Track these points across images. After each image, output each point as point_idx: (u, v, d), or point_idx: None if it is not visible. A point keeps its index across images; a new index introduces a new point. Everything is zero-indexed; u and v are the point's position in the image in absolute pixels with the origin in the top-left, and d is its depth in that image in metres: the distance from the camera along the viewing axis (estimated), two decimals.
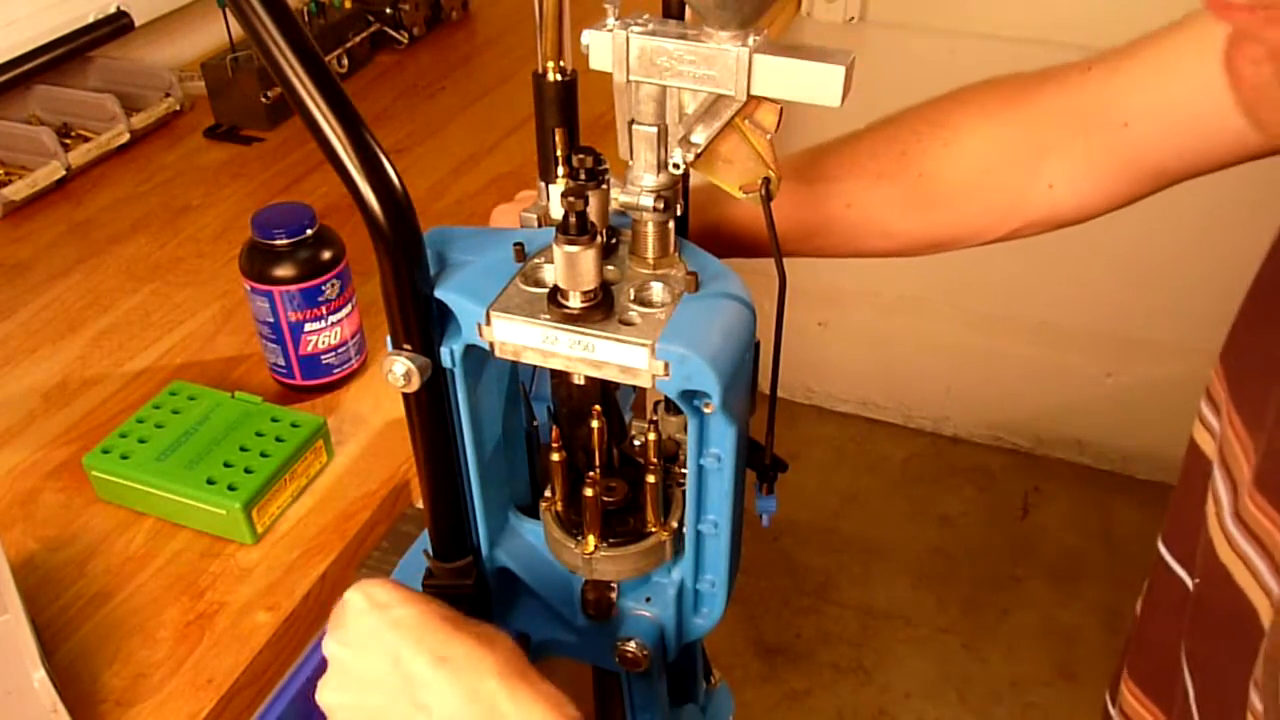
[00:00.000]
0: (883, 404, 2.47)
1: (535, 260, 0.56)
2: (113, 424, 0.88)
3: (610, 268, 0.56)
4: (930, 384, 2.39)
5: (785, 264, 0.54)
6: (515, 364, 0.62)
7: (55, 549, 0.80)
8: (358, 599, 0.53)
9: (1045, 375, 2.27)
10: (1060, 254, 2.08)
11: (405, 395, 0.57)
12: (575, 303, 0.52)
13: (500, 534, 0.66)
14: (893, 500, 2.31)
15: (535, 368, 0.61)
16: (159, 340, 1.01)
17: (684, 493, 0.60)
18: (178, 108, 1.39)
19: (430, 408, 0.58)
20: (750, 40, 0.48)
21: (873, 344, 2.37)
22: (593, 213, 0.52)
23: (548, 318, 0.52)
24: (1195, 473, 0.62)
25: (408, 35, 1.56)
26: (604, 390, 0.60)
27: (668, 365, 0.51)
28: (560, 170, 0.57)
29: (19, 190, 1.20)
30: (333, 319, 0.90)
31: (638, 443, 0.64)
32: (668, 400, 0.60)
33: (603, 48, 0.50)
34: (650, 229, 0.54)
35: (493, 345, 0.54)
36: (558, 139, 0.57)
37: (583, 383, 0.59)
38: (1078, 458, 2.37)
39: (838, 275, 2.29)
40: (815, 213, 0.69)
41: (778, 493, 0.64)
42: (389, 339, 0.55)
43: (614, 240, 0.57)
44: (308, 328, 0.90)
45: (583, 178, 0.54)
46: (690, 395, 0.53)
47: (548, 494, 0.63)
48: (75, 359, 0.99)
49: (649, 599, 0.63)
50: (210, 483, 0.79)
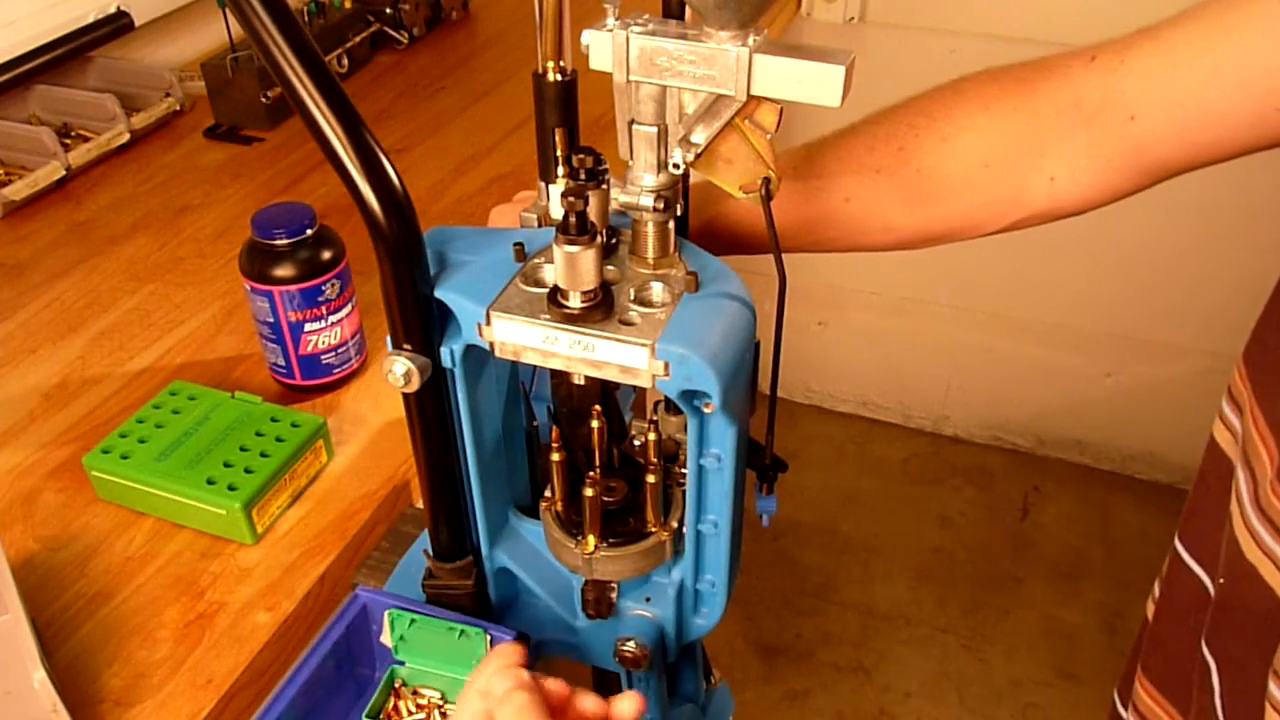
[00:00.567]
0: (883, 404, 2.47)
1: (535, 260, 0.56)
2: (113, 424, 0.88)
3: (610, 268, 0.56)
4: (930, 384, 2.39)
5: (785, 263, 0.54)
6: (515, 364, 0.62)
7: (55, 549, 0.80)
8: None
9: (1045, 375, 2.27)
10: (1061, 254, 2.08)
11: (405, 395, 0.57)
12: (575, 303, 0.52)
13: (500, 534, 0.66)
14: (893, 500, 2.31)
15: (535, 368, 0.61)
16: (159, 340, 1.01)
17: (684, 493, 0.60)
18: (178, 108, 1.38)
19: (430, 408, 0.58)
20: (750, 40, 0.48)
21: (873, 344, 2.37)
22: (593, 213, 0.52)
23: (548, 318, 0.52)
24: (1215, 473, 0.62)
25: (408, 35, 1.56)
26: (604, 390, 0.60)
27: (668, 365, 0.51)
28: (560, 170, 0.57)
29: (19, 190, 1.20)
30: (333, 319, 0.90)
31: (638, 443, 0.64)
32: (668, 400, 0.60)
33: (603, 48, 0.50)
34: (650, 229, 0.54)
35: (493, 345, 0.54)
36: (558, 139, 0.57)
37: (583, 383, 0.59)
38: (1078, 458, 2.37)
39: (838, 275, 2.29)
40: (814, 208, 0.69)
41: (778, 493, 0.64)
42: (389, 339, 0.55)
43: (614, 240, 0.57)
44: (308, 328, 0.90)
45: (583, 178, 0.54)
46: (690, 395, 0.53)
47: (548, 494, 0.63)
48: (75, 359, 0.99)
49: (649, 599, 0.63)
50: (210, 483, 0.79)
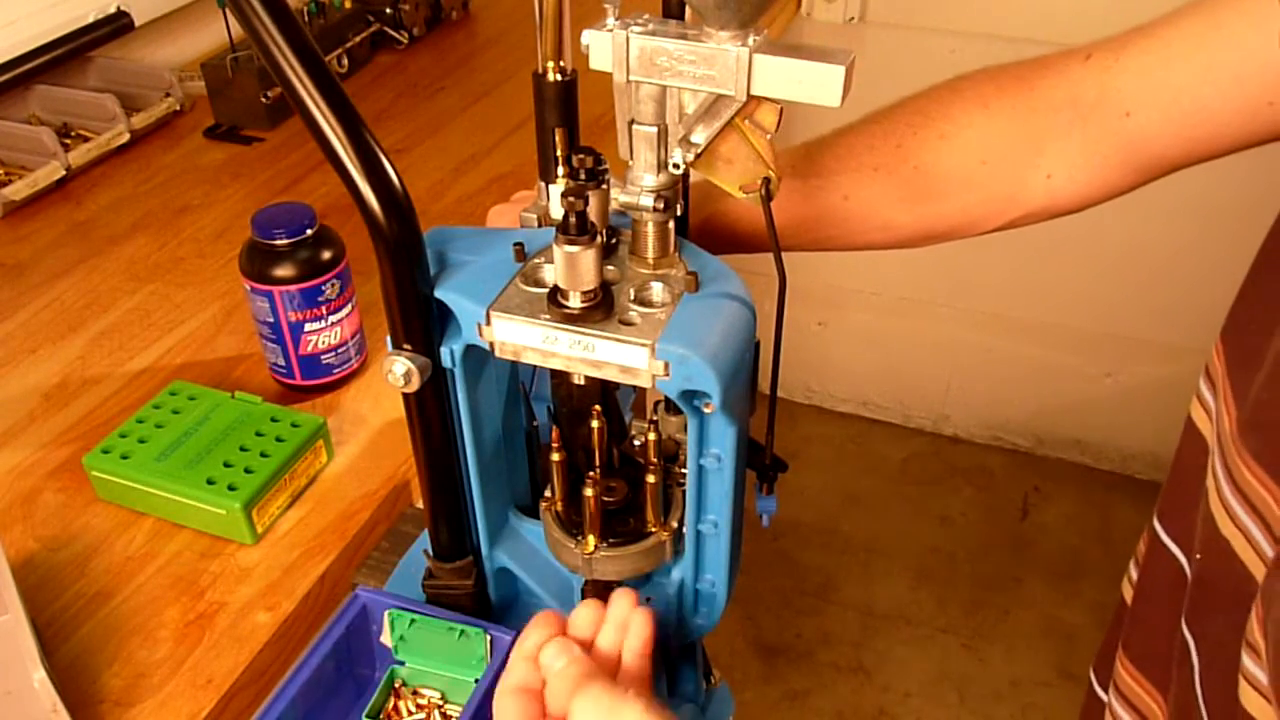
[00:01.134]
0: (882, 404, 2.47)
1: (535, 260, 0.56)
2: (113, 424, 0.88)
3: (610, 268, 0.56)
4: (930, 384, 2.39)
5: (785, 263, 0.54)
6: (515, 364, 0.62)
7: (55, 549, 0.80)
8: None
9: (1045, 375, 2.27)
10: (1060, 254, 2.08)
11: (405, 395, 0.57)
12: (575, 303, 0.52)
13: (500, 534, 0.66)
14: (893, 500, 2.31)
15: (535, 368, 0.61)
16: (159, 340, 1.01)
17: (684, 493, 0.60)
18: (178, 108, 1.38)
19: (430, 408, 0.58)
20: (750, 40, 0.48)
21: (872, 344, 2.37)
22: (593, 213, 0.52)
23: (548, 318, 0.52)
24: (1191, 451, 0.62)
25: (408, 35, 1.56)
26: (604, 390, 0.60)
27: (668, 365, 0.51)
28: (560, 170, 0.57)
29: (19, 190, 1.20)
30: (333, 319, 0.90)
31: (638, 443, 0.64)
32: (668, 400, 0.60)
33: (603, 48, 0.50)
34: (650, 229, 0.54)
35: (493, 345, 0.54)
36: (558, 139, 0.57)
37: (583, 383, 0.59)
38: (1078, 458, 2.37)
39: (837, 275, 2.29)
40: (813, 206, 0.69)
41: (778, 493, 0.64)
42: (389, 339, 0.55)
43: (614, 240, 0.57)
44: (308, 328, 0.90)
45: (583, 178, 0.54)
46: (690, 395, 0.53)
47: (548, 494, 0.63)
48: (75, 359, 0.99)
49: (649, 599, 0.63)
50: (210, 483, 0.79)
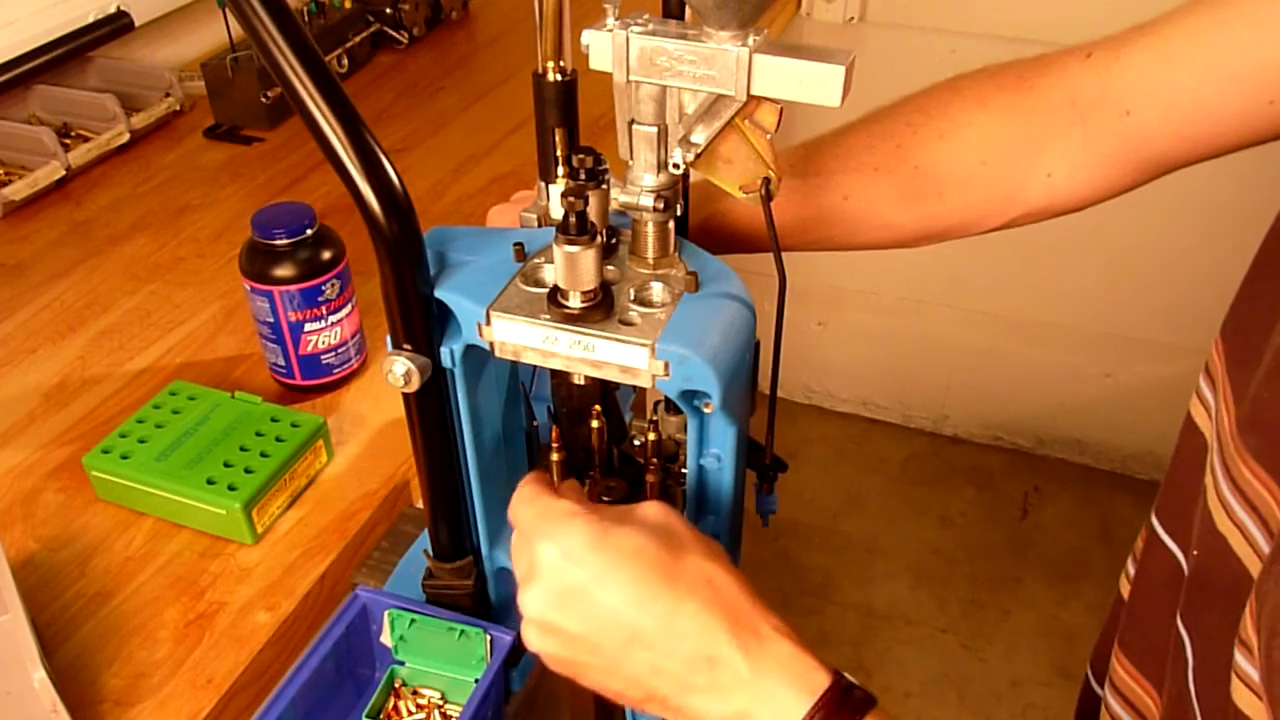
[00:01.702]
0: (883, 404, 2.47)
1: (535, 260, 0.56)
2: (113, 424, 0.88)
3: (610, 268, 0.56)
4: (930, 384, 2.39)
5: (785, 263, 0.54)
6: (515, 364, 0.62)
7: (55, 549, 0.80)
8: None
9: (1045, 375, 2.27)
10: (1060, 254, 2.08)
11: (405, 395, 0.57)
12: (575, 303, 0.52)
13: (500, 534, 0.66)
14: (893, 500, 2.31)
15: (535, 368, 0.61)
16: (159, 340, 1.01)
17: (684, 492, 0.60)
18: (178, 108, 1.38)
19: (430, 408, 0.58)
20: (750, 40, 0.48)
21: (872, 344, 2.37)
22: (593, 213, 0.52)
23: (548, 318, 0.53)
24: (1190, 448, 0.62)
25: (408, 35, 1.56)
26: (604, 390, 0.60)
27: (668, 365, 0.51)
28: (560, 170, 0.57)
29: (19, 190, 1.20)
30: (333, 319, 0.90)
31: (638, 442, 0.64)
32: (668, 400, 0.60)
33: (603, 48, 0.50)
34: (650, 229, 0.54)
35: (493, 345, 0.54)
36: (558, 139, 0.57)
37: (583, 383, 0.59)
38: (1078, 458, 2.37)
39: (837, 275, 2.29)
40: (812, 206, 0.70)
41: (778, 493, 0.64)
42: (389, 339, 0.55)
43: (614, 240, 0.57)
44: (308, 328, 0.90)
45: (583, 178, 0.54)
46: (690, 395, 0.53)
47: None
48: (75, 359, 0.99)
49: None
50: (210, 483, 0.79)
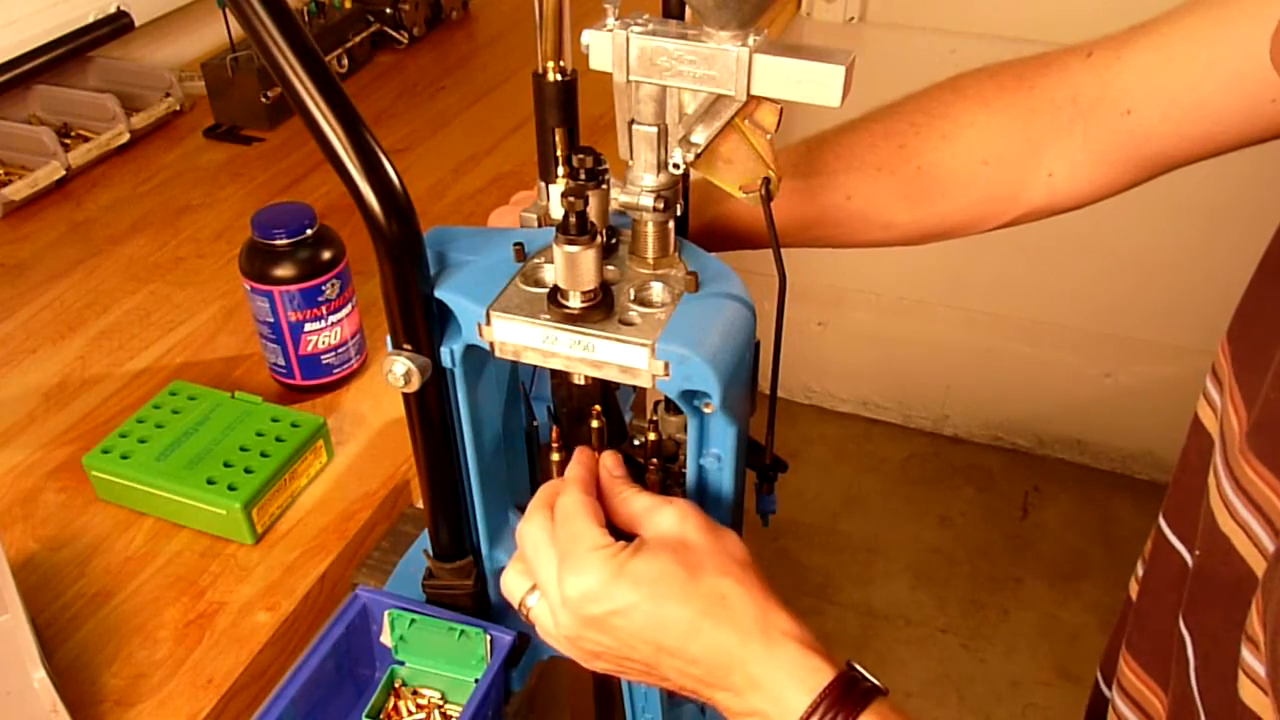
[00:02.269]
0: (883, 404, 2.47)
1: (535, 260, 0.56)
2: (113, 424, 0.88)
3: (610, 268, 0.56)
4: (930, 384, 2.39)
5: (785, 262, 0.54)
6: (515, 364, 0.62)
7: (55, 549, 0.80)
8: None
9: (1045, 375, 2.27)
10: (1060, 254, 2.08)
11: (405, 395, 0.57)
12: (575, 303, 0.52)
13: (500, 534, 0.66)
14: (893, 500, 2.31)
15: (535, 368, 0.61)
16: (159, 340, 1.01)
17: (684, 493, 0.60)
18: (178, 108, 1.38)
19: (430, 408, 0.58)
20: (750, 40, 0.48)
21: (872, 344, 2.37)
22: (593, 213, 0.52)
23: (548, 318, 0.53)
24: (1197, 449, 0.62)
25: (408, 35, 1.56)
26: (604, 390, 0.60)
27: (668, 365, 0.51)
28: (560, 170, 0.57)
29: (19, 190, 1.20)
30: (333, 319, 0.90)
31: (637, 442, 0.64)
32: (668, 400, 0.60)
33: (603, 48, 0.50)
34: (650, 229, 0.54)
35: (493, 345, 0.54)
36: (558, 139, 0.57)
37: (583, 383, 0.59)
38: (1078, 458, 2.37)
39: (837, 275, 2.29)
40: (814, 205, 0.70)
41: (778, 493, 0.64)
42: (389, 339, 0.55)
43: (614, 240, 0.57)
44: (308, 328, 0.90)
45: (583, 178, 0.54)
46: (690, 395, 0.53)
47: None
48: (75, 359, 0.99)
49: None
50: (210, 483, 0.79)
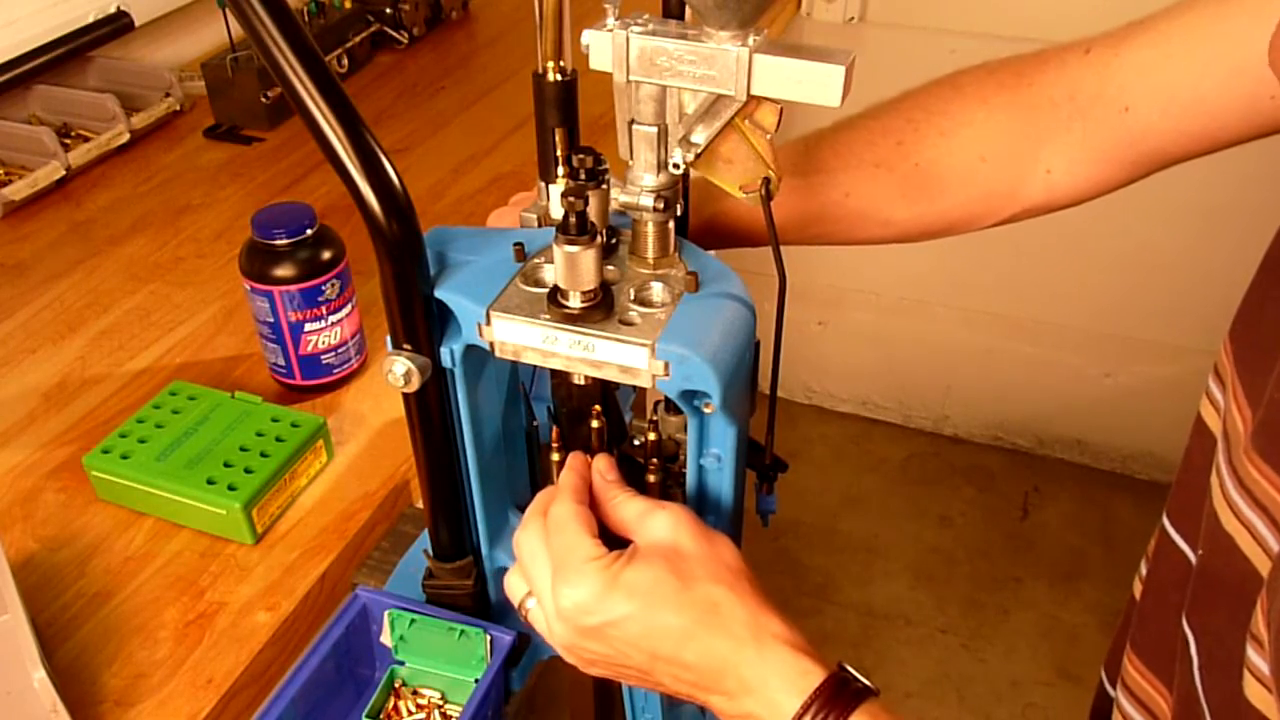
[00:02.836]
0: (883, 404, 2.47)
1: (535, 260, 0.56)
2: (113, 424, 0.88)
3: (610, 268, 0.56)
4: (930, 384, 2.39)
5: (785, 261, 0.54)
6: (515, 364, 0.62)
7: (55, 549, 0.80)
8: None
9: (1045, 375, 2.27)
10: (1060, 254, 2.08)
11: (405, 395, 0.57)
12: (575, 303, 0.52)
13: (500, 534, 0.66)
14: (893, 500, 2.31)
15: (535, 368, 0.61)
16: (159, 340, 1.01)
17: (684, 493, 0.60)
18: (178, 108, 1.38)
19: (430, 408, 0.58)
20: (750, 40, 0.48)
21: (872, 344, 2.37)
22: (593, 213, 0.52)
23: (548, 318, 0.53)
24: (1200, 448, 0.62)
25: (408, 35, 1.56)
26: (604, 390, 0.60)
27: (668, 365, 0.51)
28: (560, 170, 0.57)
29: (19, 190, 1.20)
30: (333, 319, 0.90)
31: (637, 442, 0.64)
32: (668, 400, 0.60)
33: (603, 48, 0.50)
34: (650, 229, 0.54)
35: (493, 345, 0.54)
36: (558, 139, 0.57)
37: (583, 383, 0.59)
38: (1078, 458, 2.36)
39: (837, 275, 2.29)
40: (813, 202, 0.70)
41: (778, 493, 0.64)
42: (389, 339, 0.55)
43: (614, 240, 0.57)
44: (308, 328, 0.90)
45: (583, 178, 0.54)
46: (690, 395, 0.53)
47: None
48: (75, 359, 0.99)
49: None
50: (210, 483, 0.79)
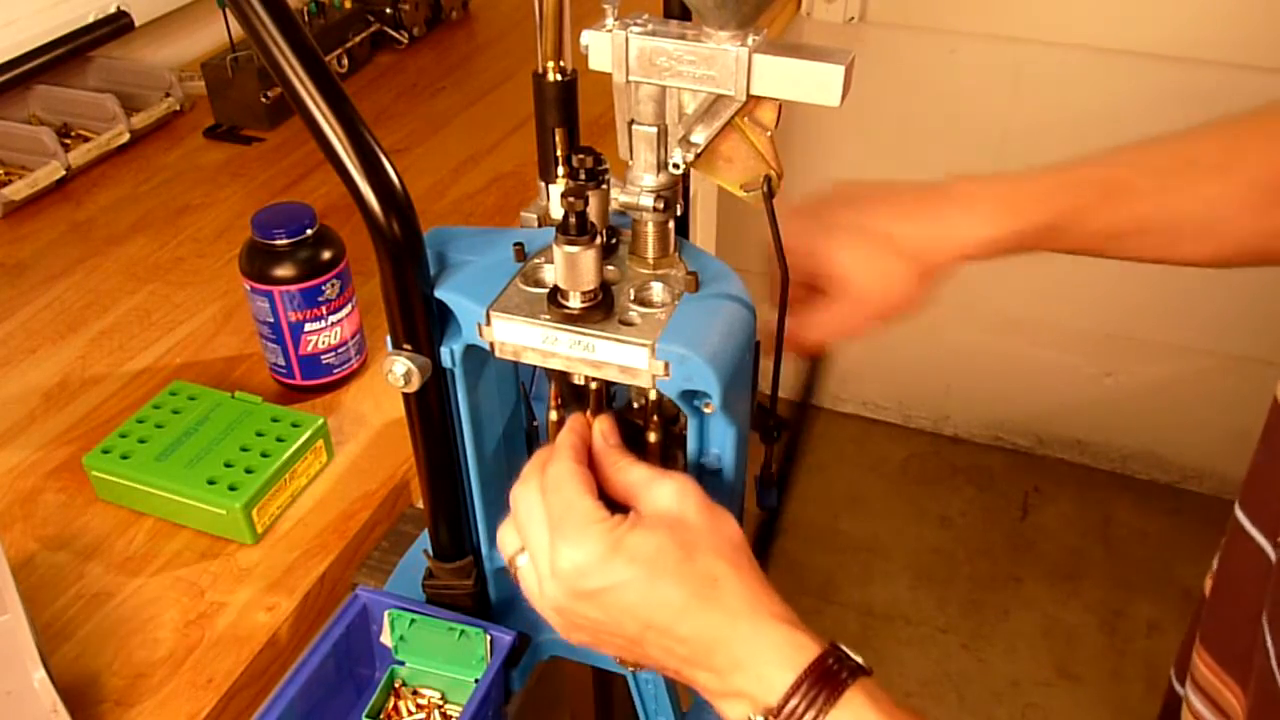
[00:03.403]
0: (883, 404, 2.47)
1: (535, 260, 0.56)
2: (113, 424, 0.88)
3: (610, 268, 0.56)
4: (930, 384, 2.39)
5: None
6: (515, 364, 0.62)
7: (55, 549, 0.80)
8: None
9: (1045, 375, 2.27)
10: (1060, 254, 2.08)
11: (405, 395, 0.57)
12: (575, 303, 0.52)
13: None
14: (893, 500, 2.31)
15: (535, 367, 0.61)
16: (159, 340, 1.01)
17: (684, 455, 0.59)
18: (178, 108, 1.38)
19: (430, 408, 0.58)
20: (749, 40, 0.48)
21: (872, 343, 2.37)
22: (593, 213, 0.52)
23: (548, 318, 0.53)
24: (1277, 430, 0.60)
25: (408, 35, 1.56)
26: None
27: (668, 365, 0.51)
28: (560, 170, 0.57)
29: (19, 190, 1.20)
30: (333, 319, 0.90)
31: (637, 405, 0.63)
32: None
33: (602, 48, 0.50)
34: (650, 229, 0.54)
35: (493, 345, 0.54)
36: (558, 139, 0.57)
37: (582, 382, 0.59)
38: (1078, 458, 2.37)
39: None
40: (1134, 212, 0.68)
41: (776, 492, 0.64)
42: (389, 339, 0.55)
43: (614, 240, 0.57)
44: (308, 328, 0.90)
45: (583, 178, 0.54)
46: (690, 395, 0.53)
47: None
48: (75, 359, 0.99)
49: None
50: (210, 483, 0.79)
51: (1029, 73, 1.90)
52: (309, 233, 0.87)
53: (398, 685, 0.68)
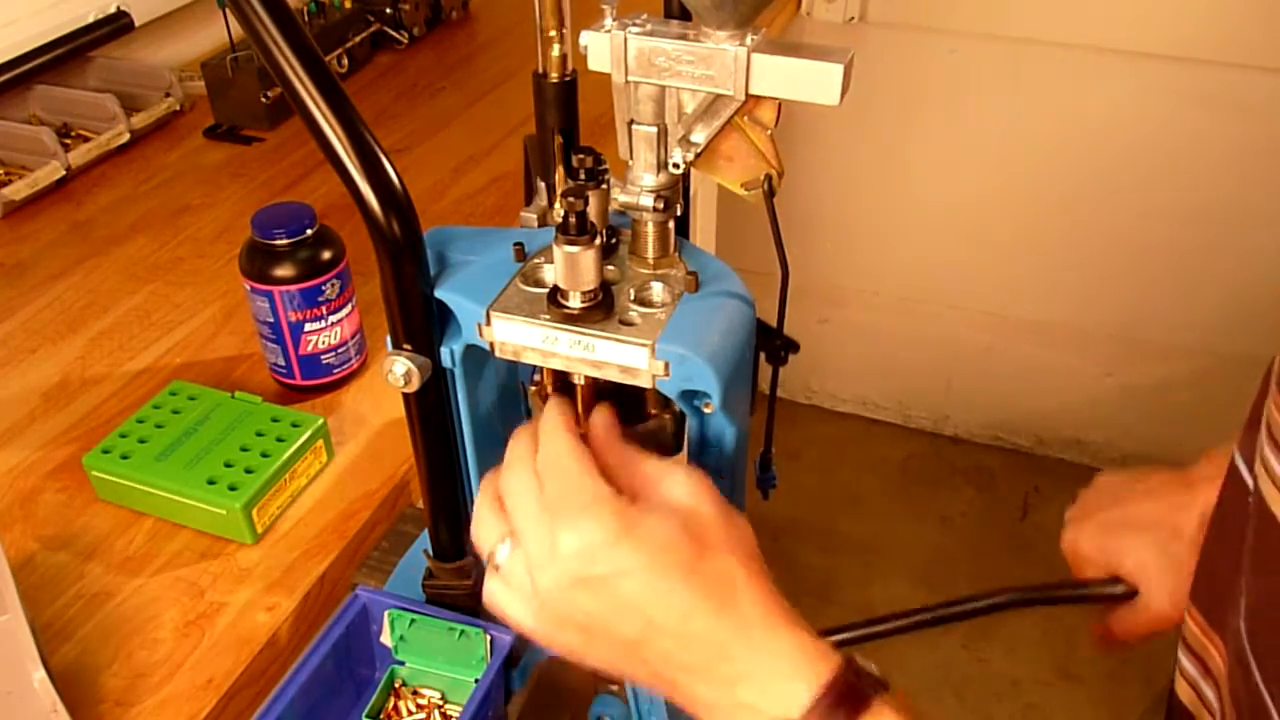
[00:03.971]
0: (882, 404, 2.47)
1: (535, 260, 0.56)
2: (113, 424, 0.88)
3: (610, 268, 0.56)
4: (930, 383, 2.39)
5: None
6: (515, 364, 0.62)
7: (55, 549, 0.80)
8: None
9: (1045, 375, 2.27)
10: (1060, 254, 2.08)
11: (405, 395, 0.57)
12: (575, 303, 0.52)
13: None
14: (893, 500, 2.31)
15: (535, 368, 0.61)
16: (159, 340, 1.01)
17: (687, 435, 0.59)
18: (178, 108, 1.38)
19: (430, 408, 0.58)
20: (748, 40, 0.48)
21: (873, 343, 2.37)
22: (593, 213, 0.52)
23: (548, 318, 0.53)
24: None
25: (408, 35, 1.56)
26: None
27: (668, 365, 0.51)
28: (560, 170, 0.57)
29: (19, 190, 1.20)
30: (333, 319, 0.90)
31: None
32: None
33: (601, 48, 0.50)
34: (650, 229, 0.54)
35: (493, 345, 0.54)
36: (558, 139, 0.57)
37: (582, 381, 0.59)
38: (1078, 458, 2.36)
39: (838, 274, 2.29)
40: None
41: (778, 492, 0.64)
42: (389, 339, 0.55)
43: (614, 240, 0.57)
44: (308, 328, 0.90)
45: (583, 178, 0.54)
46: (690, 395, 0.53)
47: None
48: (75, 359, 0.99)
49: None
50: (210, 483, 0.79)
51: (1029, 73, 1.90)
52: (309, 233, 0.87)
53: (398, 685, 0.69)
